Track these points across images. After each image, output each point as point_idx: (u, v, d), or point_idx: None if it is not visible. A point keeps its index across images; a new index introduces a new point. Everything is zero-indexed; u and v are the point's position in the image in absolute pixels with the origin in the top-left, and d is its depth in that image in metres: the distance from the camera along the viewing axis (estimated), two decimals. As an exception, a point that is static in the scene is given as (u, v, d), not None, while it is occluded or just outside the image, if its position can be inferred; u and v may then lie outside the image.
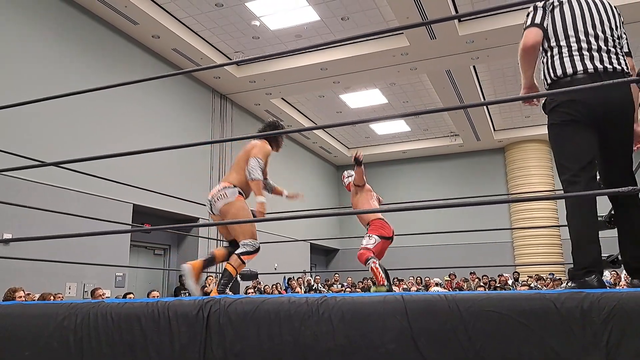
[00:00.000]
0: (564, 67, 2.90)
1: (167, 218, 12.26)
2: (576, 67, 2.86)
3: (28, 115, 8.72)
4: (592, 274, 2.64)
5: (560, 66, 2.91)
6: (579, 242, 2.72)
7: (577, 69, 2.86)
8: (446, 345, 2.11)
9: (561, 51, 2.94)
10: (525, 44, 3.00)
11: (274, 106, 15.38)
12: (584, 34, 2.91)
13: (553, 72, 2.95)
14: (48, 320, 2.70)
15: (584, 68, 2.85)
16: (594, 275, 2.64)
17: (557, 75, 2.92)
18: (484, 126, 17.28)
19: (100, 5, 10.08)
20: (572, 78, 2.86)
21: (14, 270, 8.10)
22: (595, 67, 2.84)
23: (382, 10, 11.00)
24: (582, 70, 2.85)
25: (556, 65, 2.94)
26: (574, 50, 2.90)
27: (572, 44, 2.92)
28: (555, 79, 2.94)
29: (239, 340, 2.36)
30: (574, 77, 2.86)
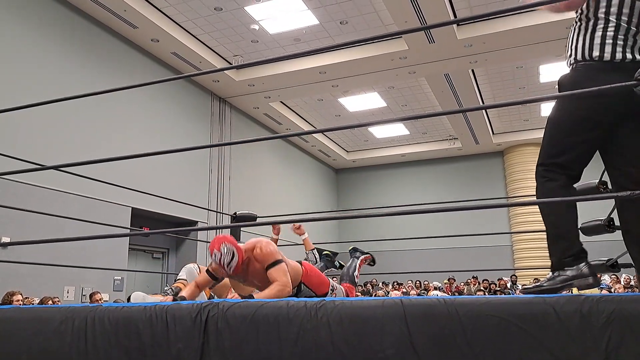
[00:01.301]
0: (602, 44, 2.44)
1: (165, 221, 12.25)
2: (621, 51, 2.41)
3: (27, 118, 8.71)
4: (583, 260, 2.45)
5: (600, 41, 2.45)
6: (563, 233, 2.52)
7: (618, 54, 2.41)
8: (445, 350, 2.10)
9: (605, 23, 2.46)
10: None
11: (273, 110, 15.39)
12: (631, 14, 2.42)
13: (592, 48, 2.48)
14: (45, 324, 2.68)
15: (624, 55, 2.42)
16: (584, 262, 2.45)
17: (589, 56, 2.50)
18: (483, 130, 17.29)
19: (99, 9, 10.09)
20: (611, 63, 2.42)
21: (12, 274, 8.09)
22: None
23: (380, 14, 11.01)
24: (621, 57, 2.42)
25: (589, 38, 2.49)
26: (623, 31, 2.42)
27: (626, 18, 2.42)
28: (589, 58, 2.50)
29: (237, 345, 2.35)
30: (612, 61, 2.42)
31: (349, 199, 21.54)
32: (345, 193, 21.78)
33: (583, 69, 2.52)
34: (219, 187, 13.70)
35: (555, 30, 11.17)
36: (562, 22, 10.87)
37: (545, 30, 11.17)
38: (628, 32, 2.41)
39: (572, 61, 2.63)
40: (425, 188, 20.17)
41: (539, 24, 10.97)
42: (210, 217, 13.13)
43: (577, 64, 2.57)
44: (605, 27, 2.44)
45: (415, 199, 19.14)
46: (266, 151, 16.52)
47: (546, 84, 14.31)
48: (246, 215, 6.15)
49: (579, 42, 2.53)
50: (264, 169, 16.20)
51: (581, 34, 2.53)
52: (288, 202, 17.12)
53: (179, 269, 12.25)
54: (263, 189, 15.88)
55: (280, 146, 17.59)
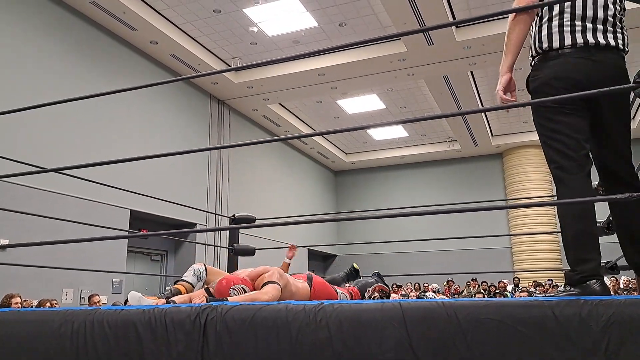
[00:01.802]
0: (552, 37, 2.57)
1: (164, 224, 12.25)
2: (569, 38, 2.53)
3: (25, 121, 8.71)
4: (594, 278, 2.35)
5: (551, 37, 2.57)
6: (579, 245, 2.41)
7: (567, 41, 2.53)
8: (445, 353, 2.10)
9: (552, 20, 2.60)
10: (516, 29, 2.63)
11: (272, 112, 15.40)
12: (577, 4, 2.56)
13: (543, 41, 2.59)
14: (44, 327, 2.68)
15: (572, 41, 2.53)
16: (596, 279, 2.34)
17: (545, 46, 2.59)
18: (482, 132, 17.30)
19: (98, 11, 10.09)
20: (564, 51, 2.54)
21: (11, 276, 8.08)
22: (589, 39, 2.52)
23: (379, 16, 11.02)
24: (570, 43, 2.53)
25: (546, 34, 2.59)
26: (564, 22, 2.56)
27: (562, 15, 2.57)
28: (544, 49, 2.60)
29: (236, 348, 2.34)
30: (563, 50, 2.54)
31: (348, 201, 21.55)
32: (344, 195, 21.78)
33: (537, 63, 2.65)
34: (217, 190, 13.70)
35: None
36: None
37: (544, 33, 11.18)
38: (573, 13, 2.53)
39: (530, 57, 2.72)
40: (424, 190, 20.18)
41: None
42: (208, 219, 13.12)
43: (534, 59, 2.67)
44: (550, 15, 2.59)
45: (414, 201, 19.15)
46: (265, 153, 16.52)
47: (545, 86, 14.31)
48: (245, 217, 6.15)
49: (532, 39, 2.64)
50: (262, 171, 16.20)
51: (534, 29, 2.66)
52: (287, 205, 17.12)
53: (178, 271, 12.33)
54: (262, 191, 15.88)
55: (279, 148, 17.59)
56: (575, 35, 2.50)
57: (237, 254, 6.03)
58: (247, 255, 6.10)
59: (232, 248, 6.04)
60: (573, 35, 2.51)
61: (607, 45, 2.51)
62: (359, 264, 5.67)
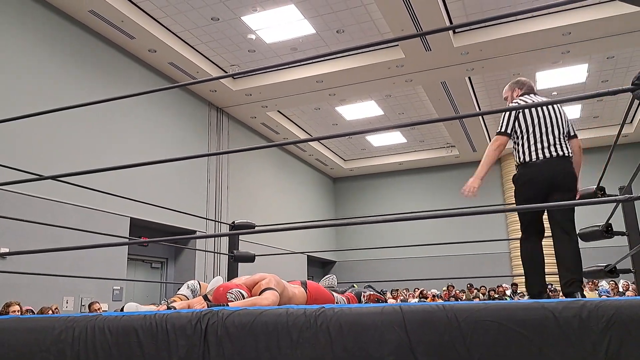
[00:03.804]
0: (525, 155, 4.09)
1: (164, 231, 12.24)
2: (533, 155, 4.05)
3: (24, 129, 8.72)
4: (545, 293, 3.95)
5: (523, 153, 4.10)
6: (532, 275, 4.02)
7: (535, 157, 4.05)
8: (445, 356, 2.10)
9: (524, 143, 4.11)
10: (493, 149, 4.16)
11: (270, 119, 15.42)
12: (539, 131, 4.07)
13: (519, 157, 4.13)
14: (45, 334, 2.68)
15: (537, 156, 4.04)
16: (545, 294, 3.95)
17: (522, 160, 4.10)
18: (480, 137, 17.32)
19: (97, 20, 10.11)
20: (534, 162, 4.03)
21: (11, 284, 8.07)
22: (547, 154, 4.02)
23: (377, 22, 11.06)
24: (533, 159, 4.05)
25: (521, 152, 4.11)
26: (531, 143, 4.06)
27: (529, 139, 4.07)
28: (522, 162, 4.10)
29: (237, 353, 2.35)
30: (534, 161, 4.03)
31: (346, 207, 21.54)
32: (343, 202, 21.78)
33: (518, 169, 4.18)
34: (217, 197, 13.70)
35: (552, 38, 11.23)
36: (558, 29, 10.94)
37: (542, 38, 11.23)
38: (536, 139, 4.05)
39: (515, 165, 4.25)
40: (423, 196, 20.19)
41: (535, 31, 11.03)
42: (208, 226, 13.12)
43: (517, 166, 4.20)
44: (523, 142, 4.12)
45: (412, 207, 19.14)
46: (264, 160, 16.53)
47: (543, 91, 14.35)
48: (244, 224, 6.15)
49: (515, 155, 4.20)
50: (261, 178, 16.21)
51: (515, 149, 4.19)
52: (286, 211, 17.13)
53: (178, 278, 12.31)
54: (261, 198, 15.88)
55: (278, 155, 17.61)
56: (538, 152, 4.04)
57: (237, 261, 6.03)
58: (247, 262, 6.10)
59: (232, 255, 6.04)
60: (536, 151, 4.05)
61: (560, 155, 4.03)
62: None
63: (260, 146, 3.04)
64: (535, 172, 4.00)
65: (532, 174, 4.02)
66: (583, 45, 11.62)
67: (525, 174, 4.07)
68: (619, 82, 13.89)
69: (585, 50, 11.99)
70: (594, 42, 11.47)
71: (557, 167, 3.98)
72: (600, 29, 10.97)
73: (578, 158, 4.23)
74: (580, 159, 4.26)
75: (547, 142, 4.02)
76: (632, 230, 4.66)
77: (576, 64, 12.91)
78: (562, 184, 3.97)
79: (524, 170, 4.08)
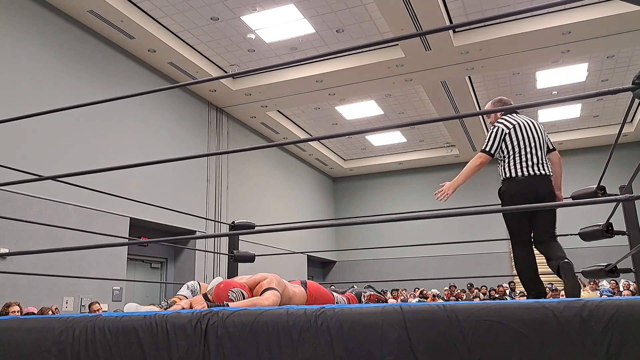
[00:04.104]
0: (512, 170, 4.40)
1: (164, 231, 12.24)
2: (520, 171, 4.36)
3: (24, 130, 8.72)
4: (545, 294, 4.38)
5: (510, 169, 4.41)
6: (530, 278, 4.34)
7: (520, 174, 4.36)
8: (445, 356, 2.10)
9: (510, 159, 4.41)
10: (475, 165, 4.48)
11: (270, 119, 15.41)
12: (525, 151, 4.37)
13: (506, 172, 4.42)
14: (45, 335, 2.68)
15: (522, 173, 4.35)
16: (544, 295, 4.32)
17: (509, 175, 4.40)
18: (480, 136, 17.31)
19: (96, 20, 10.11)
20: (520, 178, 4.34)
21: (10, 285, 8.07)
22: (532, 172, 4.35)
23: (376, 22, 11.05)
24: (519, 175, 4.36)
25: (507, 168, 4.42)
26: (518, 161, 4.37)
27: (516, 156, 4.38)
28: (508, 177, 4.40)
29: (237, 353, 2.34)
30: (520, 177, 4.34)
31: (346, 207, 21.54)
32: (343, 201, 21.77)
33: (504, 183, 4.47)
34: (216, 197, 13.70)
35: (552, 37, 11.23)
36: (558, 29, 10.94)
37: (542, 37, 11.23)
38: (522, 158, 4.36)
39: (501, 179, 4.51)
40: (423, 196, 20.16)
41: (536, 31, 11.03)
42: (208, 226, 13.12)
43: (503, 181, 4.48)
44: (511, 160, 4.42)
45: (412, 206, 19.13)
46: (263, 160, 16.53)
47: (543, 90, 14.36)
48: (244, 224, 6.15)
49: (500, 169, 4.51)
50: (261, 178, 16.21)
51: (500, 165, 4.50)
52: (285, 211, 17.13)
53: (178, 278, 12.31)
54: (260, 198, 15.88)
55: (278, 155, 17.61)
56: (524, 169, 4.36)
57: (237, 261, 6.03)
58: (247, 262, 6.10)
59: (232, 255, 6.04)
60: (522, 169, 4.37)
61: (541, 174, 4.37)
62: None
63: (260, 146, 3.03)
64: (521, 187, 4.31)
65: (518, 189, 4.33)
66: (583, 45, 11.62)
67: (512, 188, 4.37)
68: (619, 81, 13.89)
69: (585, 50, 11.99)
70: (593, 42, 11.47)
71: (541, 185, 4.32)
72: (600, 28, 10.96)
73: (558, 169, 4.61)
74: (560, 169, 4.65)
75: (532, 161, 4.35)
76: (633, 229, 4.66)
77: (576, 63, 12.91)
78: (545, 201, 4.31)
79: (510, 184, 4.38)
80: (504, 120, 4.48)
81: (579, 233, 4.63)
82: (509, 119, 4.49)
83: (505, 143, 4.41)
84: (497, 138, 4.42)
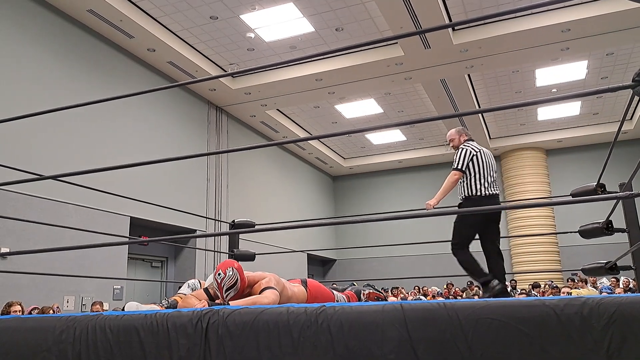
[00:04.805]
0: (474, 189, 5.05)
1: (164, 230, 12.24)
2: (479, 191, 5.04)
3: (24, 129, 8.71)
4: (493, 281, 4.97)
5: (472, 188, 5.05)
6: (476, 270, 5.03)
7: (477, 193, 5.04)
8: (446, 354, 2.10)
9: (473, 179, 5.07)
10: (452, 180, 5.11)
11: (270, 117, 15.41)
12: (484, 174, 5.07)
13: (469, 190, 5.07)
14: (46, 334, 2.68)
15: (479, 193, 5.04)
16: (496, 282, 4.95)
17: (470, 193, 5.06)
18: (480, 134, 17.31)
19: (95, 19, 10.10)
20: (477, 197, 5.02)
21: (11, 284, 8.07)
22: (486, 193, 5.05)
23: (376, 20, 11.05)
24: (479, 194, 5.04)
25: (470, 187, 5.06)
26: (480, 182, 5.05)
27: (478, 177, 5.05)
28: (467, 196, 5.07)
29: (238, 351, 2.35)
30: (478, 197, 5.02)
31: (346, 205, 21.54)
32: (343, 200, 21.77)
33: (463, 201, 5.13)
34: (216, 196, 13.70)
35: (551, 35, 11.22)
36: (557, 26, 10.93)
37: (541, 35, 11.22)
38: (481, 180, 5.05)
39: (459, 198, 5.19)
40: (423, 194, 20.05)
41: (535, 28, 11.02)
42: (208, 225, 13.12)
43: (462, 199, 5.15)
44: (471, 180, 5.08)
45: (412, 204, 19.08)
46: (263, 159, 16.53)
47: (542, 88, 14.35)
48: (244, 222, 6.15)
49: (461, 188, 5.16)
50: (261, 177, 16.21)
51: (462, 184, 5.14)
52: (285, 210, 17.12)
53: (178, 277, 12.32)
54: (260, 197, 15.88)
55: (278, 154, 17.60)
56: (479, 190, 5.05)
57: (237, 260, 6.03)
58: (247, 261, 6.10)
59: (232, 253, 6.04)
60: (478, 190, 5.04)
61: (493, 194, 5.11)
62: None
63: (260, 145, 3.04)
64: (476, 205, 5.01)
65: (474, 206, 5.01)
66: (582, 42, 11.61)
67: (469, 206, 5.07)
68: (619, 78, 13.89)
69: (585, 47, 11.98)
70: (593, 39, 11.47)
71: (491, 204, 5.08)
72: (600, 26, 10.96)
73: None
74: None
75: (487, 183, 5.08)
76: (633, 227, 4.66)
77: (575, 60, 12.91)
78: (496, 216, 5.21)
79: (468, 203, 5.09)
80: (470, 146, 5.26)
81: (578, 230, 4.63)
82: (473, 145, 5.30)
83: (472, 163, 5.10)
84: (467, 158, 5.11)
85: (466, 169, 5.11)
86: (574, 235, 5.02)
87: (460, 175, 5.12)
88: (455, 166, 5.14)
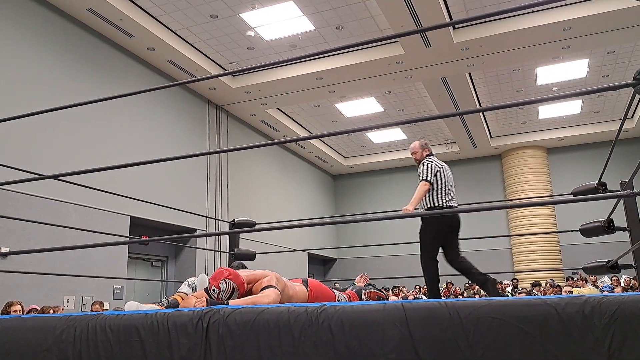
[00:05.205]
0: (438, 201, 5.56)
1: (164, 230, 12.24)
2: (443, 202, 5.54)
3: (24, 129, 8.71)
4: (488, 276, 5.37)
5: (436, 199, 5.58)
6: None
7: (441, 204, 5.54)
8: (447, 353, 2.10)
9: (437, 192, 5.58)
10: (424, 190, 5.58)
11: (270, 116, 15.39)
12: (445, 187, 5.58)
13: (433, 201, 5.58)
14: (46, 334, 2.68)
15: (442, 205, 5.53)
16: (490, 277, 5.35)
17: (433, 204, 5.58)
18: (481, 133, 17.31)
19: (95, 18, 10.09)
20: (440, 207, 5.48)
21: (12, 284, 8.07)
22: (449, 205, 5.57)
23: (376, 19, 11.03)
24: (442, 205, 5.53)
25: (434, 198, 5.58)
26: (442, 194, 5.56)
27: (441, 190, 5.56)
28: (431, 207, 5.58)
29: (238, 351, 2.34)
30: (441, 207, 5.49)
31: (346, 204, 21.53)
32: (343, 199, 21.77)
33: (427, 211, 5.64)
34: (217, 195, 13.69)
35: (552, 33, 11.21)
36: (558, 25, 10.92)
37: (542, 33, 11.21)
38: (444, 191, 5.57)
39: (423, 209, 5.67)
40: (424, 192, 20.13)
41: (536, 26, 11.01)
42: (208, 224, 13.12)
43: (427, 209, 5.64)
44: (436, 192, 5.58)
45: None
46: (264, 158, 16.52)
47: (543, 86, 14.34)
48: (245, 222, 6.15)
49: (425, 199, 5.66)
50: (261, 176, 16.21)
51: (426, 196, 5.63)
52: (286, 209, 17.12)
53: (179, 276, 12.32)
54: (261, 196, 15.88)
55: (278, 153, 17.60)
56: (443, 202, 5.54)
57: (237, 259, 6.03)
58: (248, 260, 6.10)
59: (232, 253, 6.04)
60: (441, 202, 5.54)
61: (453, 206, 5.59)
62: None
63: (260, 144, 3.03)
64: (440, 216, 5.50)
65: (440, 216, 5.50)
66: (583, 40, 11.60)
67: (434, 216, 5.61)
68: (620, 77, 13.87)
69: (586, 45, 11.97)
70: (594, 37, 11.45)
71: (455, 214, 5.58)
72: (601, 24, 10.95)
73: None
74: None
75: (450, 196, 5.62)
76: (634, 225, 4.66)
77: (577, 59, 12.90)
78: (457, 226, 5.64)
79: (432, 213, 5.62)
80: (433, 161, 5.74)
81: (580, 229, 4.63)
82: (436, 160, 5.79)
83: (437, 176, 5.60)
84: (432, 171, 5.60)
85: (430, 181, 5.60)
86: (575, 234, 5.01)
87: (428, 185, 5.59)
88: (425, 177, 5.63)
